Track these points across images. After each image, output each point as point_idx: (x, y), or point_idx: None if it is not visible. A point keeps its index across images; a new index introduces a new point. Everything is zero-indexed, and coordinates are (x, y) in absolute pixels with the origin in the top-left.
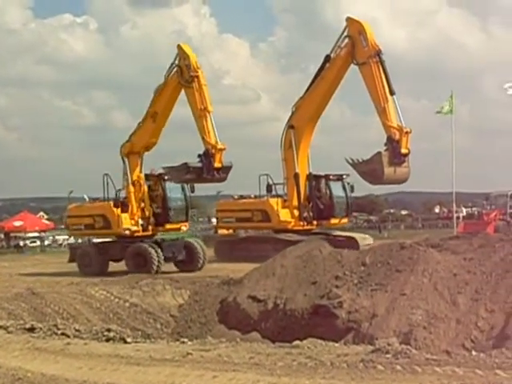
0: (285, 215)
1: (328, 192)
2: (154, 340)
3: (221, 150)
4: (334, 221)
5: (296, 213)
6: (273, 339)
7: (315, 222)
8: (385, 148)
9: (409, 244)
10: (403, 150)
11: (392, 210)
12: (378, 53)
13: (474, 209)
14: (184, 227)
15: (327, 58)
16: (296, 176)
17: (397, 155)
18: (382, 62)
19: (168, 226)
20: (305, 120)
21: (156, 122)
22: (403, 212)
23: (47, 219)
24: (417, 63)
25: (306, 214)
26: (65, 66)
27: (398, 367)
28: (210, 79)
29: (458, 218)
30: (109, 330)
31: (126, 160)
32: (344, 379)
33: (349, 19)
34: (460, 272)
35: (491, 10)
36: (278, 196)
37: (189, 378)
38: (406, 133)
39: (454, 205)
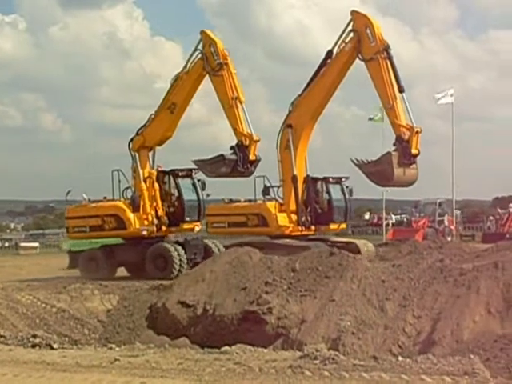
0: (283, 220)
1: (327, 196)
2: (81, 346)
3: (256, 141)
4: (333, 226)
5: (294, 217)
6: (202, 345)
7: (313, 227)
8: (393, 148)
9: (338, 251)
10: (413, 151)
11: None
12: (386, 48)
13: (403, 216)
14: (197, 227)
15: (329, 54)
16: (294, 178)
17: (407, 156)
18: (390, 58)
19: (183, 226)
20: (304, 119)
21: (174, 113)
22: None
23: None
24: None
25: (304, 219)
26: None
27: (326, 373)
28: (142, 83)
29: (387, 224)
30: (35, 336)
31: (136, 155)
32: None
33: (354, 13)
34: (388, 278)
35: (422, 20)
36: (273, 199)
37: None
38: (417, 132)
39: (384, 212)
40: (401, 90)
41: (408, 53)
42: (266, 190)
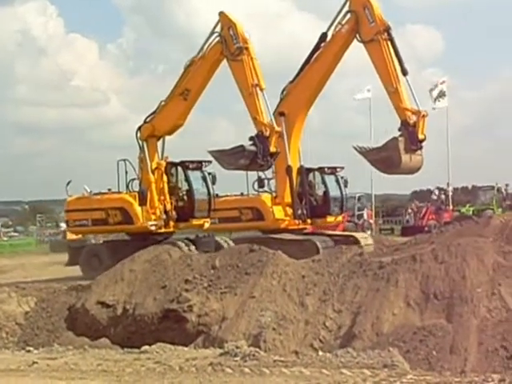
0: (278, 213)
1: (323, 187)
2: None
3: (277, 132)
4: (329, 219)
5: (289, 210)
6: (122, 345)
7: (309, 221)
8: (399, 133)
9: (258, 247)
10: (420, 136)
11: None
12: (387, 29)
13: None
14: (207, 224)
15: (323, 37)
16: (288, 169)
17: (413, 141)
18: (391, 39)
19: (193, 222)
20: (298, 106)
21: (187, 100)
22: None
23: None
24: (267, 65)
25: (300, 212)
26: None
27: (247, 370)
28: (57, 81)
29: None
30: None
31: (144, 145)
32: (192, 383)
33: None
34: (308, 274)
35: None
36: (267, 192)
37: None
38: (423, 116)
39: None
40: (404, 73)
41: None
42: (260, 182)
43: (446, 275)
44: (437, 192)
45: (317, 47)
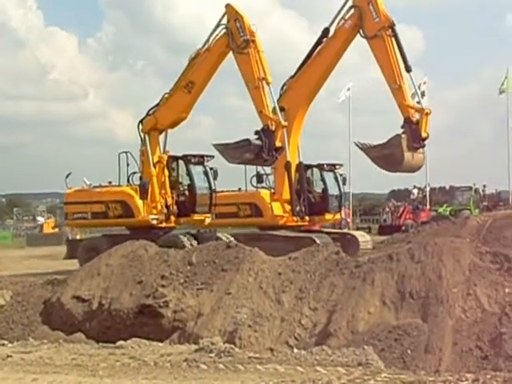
0: (277, 209)
1: (322, 184)
2: None
3: (283, 126)
4: (328, 216)
5: (287, 207)
6: (98, 339)
7: (307, 218)
8: (402, 131)
9: (234, 244)
10: (423, 134)
11: None
12: (391, 25)
13: None
14: (208, 219)
15: (325, 32)
16: (287, 165)
17: (416, 139)
18: (395, 36)
19: (194, 217)
20: (298, 101)
21: (191, 93)
22: None
23: None
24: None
25: (298, 209)
26: None
27: (221, 366)
28: (36, 74)
29: None
30: None
31: (146, 138)
32: (167, 379)
33: None
34: (285, 271)
35: (319, 12)
36: (264, 188)
37: (7, 382)
38: (426, 114)
39: None
40: (408, 70)
41: (305, 44)
42: (259, 178)
43: (422, 275)
44: (415, 191)
45: (319, 42)
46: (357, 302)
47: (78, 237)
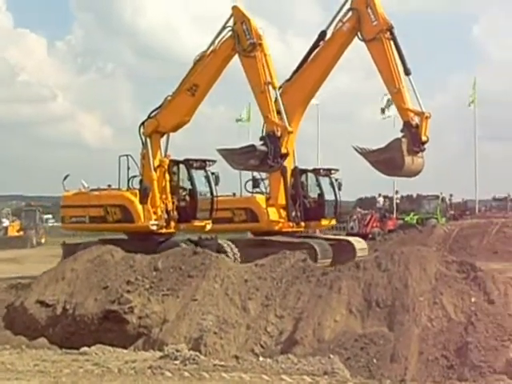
0: (273, 215)
1: (318, 189)
2: None
3: (289, 132)
4: (324, 222)
5: (283, 212)
6: (61, 345)
7: (303, 224)
8: (402, 135)
9: (201, 250)
10: (423, 138)
11: None
12: (390, 28)
13: None
14: (208, 225)
15: (322, 35)
16: (283, 170)
17: (416, 143)
18: (394, 39)
19: (194, 223)
20: (294, 105)
21: (195, 96)
22: None
23: None
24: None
25: (294, 214)
26: None
27: (186, 373)
28: (5, 76)
29: None
30: None
31: (147, 141)
32: None
33: None
34: (251, 278)
35: (291, 22)
36: (259, 193)
37: None
38: (426, 117)
39: None
40: (407, 73)
41: (277, 52)
42: (255, 183)
43: (389, 283)
44: (381, 200)
45: (315, 45)
46: (323, 310)
47: (43, 241)
